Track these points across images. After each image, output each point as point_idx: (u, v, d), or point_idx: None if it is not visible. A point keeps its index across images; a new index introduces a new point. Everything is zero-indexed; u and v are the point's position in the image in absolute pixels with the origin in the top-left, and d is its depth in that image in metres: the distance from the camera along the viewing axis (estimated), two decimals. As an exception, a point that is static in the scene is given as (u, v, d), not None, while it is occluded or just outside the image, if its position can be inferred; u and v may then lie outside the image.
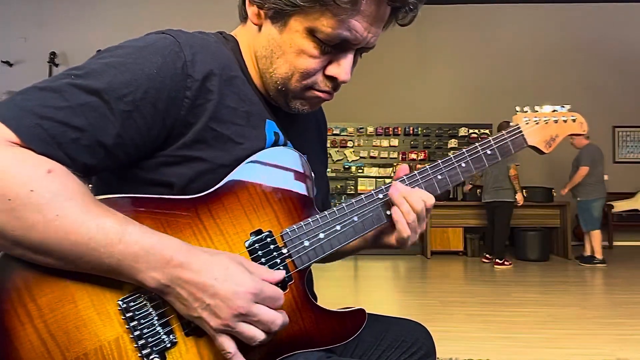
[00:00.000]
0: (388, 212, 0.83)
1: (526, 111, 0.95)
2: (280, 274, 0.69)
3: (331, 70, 0.76)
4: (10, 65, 7.47)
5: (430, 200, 0.81)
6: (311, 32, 0.72)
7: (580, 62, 8.19)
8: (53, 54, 7.22)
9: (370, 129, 8.02)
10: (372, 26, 0.74)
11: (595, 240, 5.89)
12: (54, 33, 7.51)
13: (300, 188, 0.78)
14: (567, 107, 0.98)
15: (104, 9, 7.65)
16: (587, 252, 5.96)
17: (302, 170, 0.79)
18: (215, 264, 0.63)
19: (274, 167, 0.76)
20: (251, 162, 0.74)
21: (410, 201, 0.80)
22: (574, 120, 0.97)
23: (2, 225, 0.56)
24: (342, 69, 0.76)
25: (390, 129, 8.00)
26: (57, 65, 7.22)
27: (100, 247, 0.59)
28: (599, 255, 5.86)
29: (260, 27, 0.78)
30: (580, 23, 8.26)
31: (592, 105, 7.86)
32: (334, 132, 7.98)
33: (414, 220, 0.80)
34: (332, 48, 0.74)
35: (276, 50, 0.76)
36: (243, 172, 0.73)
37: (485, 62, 8.14)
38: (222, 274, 0.63)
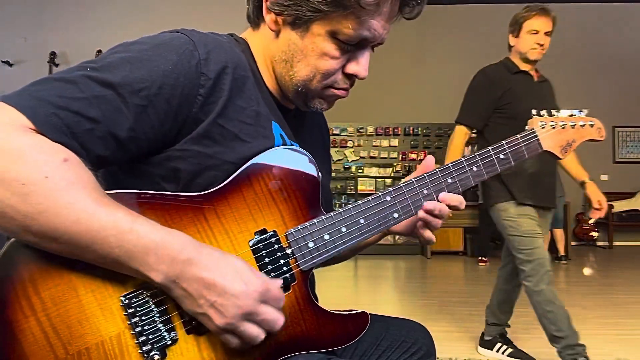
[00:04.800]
0: (395, 215, 0.83)
1: (542, 115, 0.93)
2: (278, 282, 0.69)
3: (351, 68, 0.79)
4: (10, 65, 7.47)
5: (462, 204, 0.86)
6: (333, 35, 0.75)
7: (580, 62, 8.19)
8: (53, 54, 7.21)
9: (370, 129, 8.02)
10: (387, 23, 0.77)
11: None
12: (54, 33, 7.51)
13: (312, 170, 0.79)
14: (585, 111, 0.95)
15: (104, 9, 7.65)
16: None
17: (312, 157, 0.80)
18: (224, 262, 0.64)
19: (291, 150, 0.77)
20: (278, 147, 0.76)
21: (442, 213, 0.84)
22: (591, 126, 0.95)
23: (14, 209, 0.56)
24: (361, 66, 0.79)
25: (390, 129, 8.00)
26: (57, 65, 7.21)
27: (110, 237, 0.59)
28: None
29: (277, 32, 0.78)
30: (579, 23, 8.25)
31: (592, 105, 7.76)
32: (334, 132, 7.97)
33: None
34: (351, 47, 0.77)
35: (297, 55, 0.77)
36: (265, 156, 0.74)
37: (485, 62, 8.11)
38: (230, 272, 0.63)
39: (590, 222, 7.58)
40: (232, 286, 0.62)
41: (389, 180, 7.80)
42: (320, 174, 0.80)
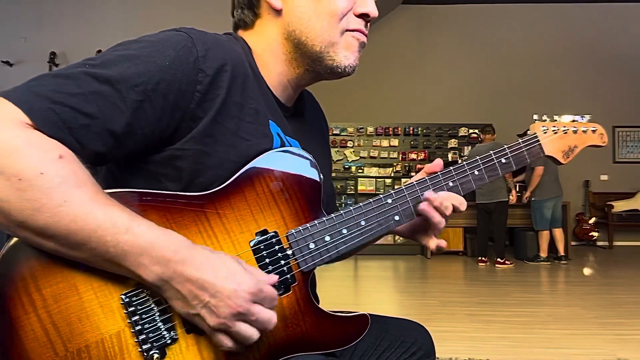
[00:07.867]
0: (396, 217, 0.83)
1: (544, 120, 0.93)
2: (274, 278, 0.69)
3: (359, 8, 0.81)
4: (10, 65, 7.47)
5: (462, 205, 0.86)
6: None
7: (580, 62, 8.20)
8: (53, 54, 7.21)
9: (370, 129, 8.02)
10: None
11: (542, 240, 6.11)
12: (54, 33, 7.51)
13: (314, 174, 0.78)
14: (587, 117, 0.96)
15: (104, 9, 7.65)
16: (543, 252, 6.13)
17: (314, 160, 0.80)
18: (217, 262, 0.64)
19: (293, 154, 0.77)
20: (280, 151, 0.76)
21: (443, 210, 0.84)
22: (593, 131, 0.95)
23: (10, 204, 0.56)
24: (369, 3, 0.82)
25: (390, 129, 8.00)
26: (57, 65, 7.21)
27: (107, 235, 0.59)
28: (543, 254, 6.10)
29: (281, 11, 0.81)
30: (580, 23, 8.26)
31: (592, 105, 7.85)
32: (334, 132, 7.98)
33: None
34: None
35: (309, 13, 0.80)
36: (263, 160, 0.74)
37: (485, 62, 8.14)
38: (223, 272, 0.63)
39: (590, 221, 7.59)
40: (224, 286, 0.62)
41: (389, 180, 7.80)
42: (322, 176, 0.80)
